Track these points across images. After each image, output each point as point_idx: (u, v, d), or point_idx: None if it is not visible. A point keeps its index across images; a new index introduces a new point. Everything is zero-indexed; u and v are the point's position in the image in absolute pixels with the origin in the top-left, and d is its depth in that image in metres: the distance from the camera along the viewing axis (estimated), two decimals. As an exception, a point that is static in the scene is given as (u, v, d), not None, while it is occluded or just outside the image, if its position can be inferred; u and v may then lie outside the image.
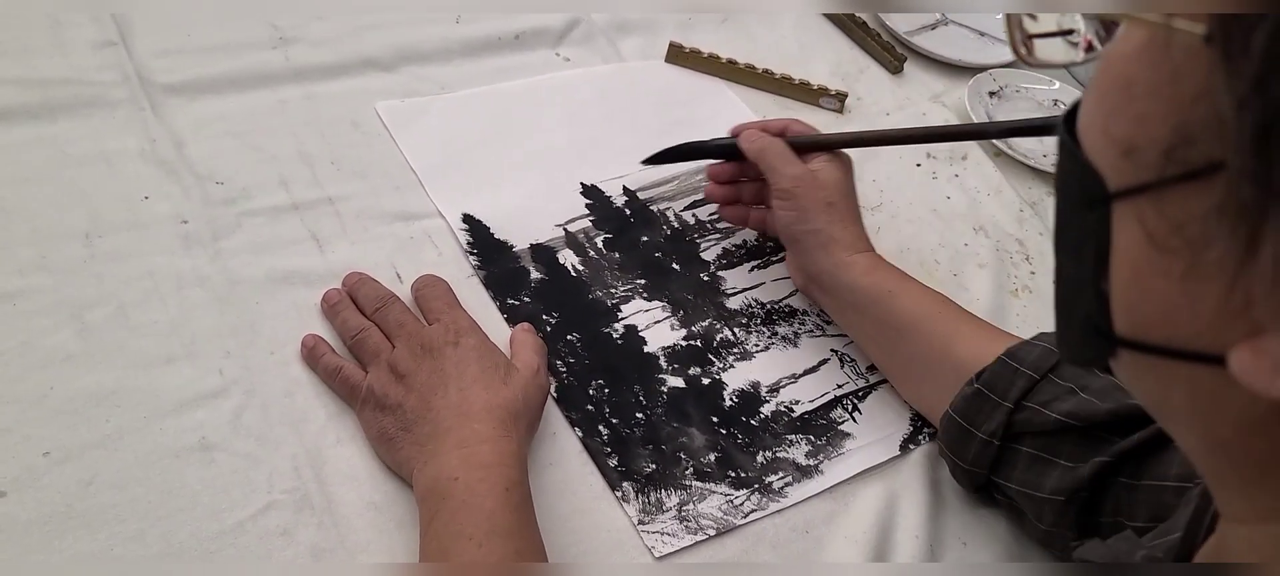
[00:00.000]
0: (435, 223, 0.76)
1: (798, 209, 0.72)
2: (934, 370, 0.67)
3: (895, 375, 0.72)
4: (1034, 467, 0.61)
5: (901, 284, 0.70)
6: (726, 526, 0.63)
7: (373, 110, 0.83)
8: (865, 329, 0.72)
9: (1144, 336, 0.30)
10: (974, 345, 0.65)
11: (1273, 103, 0.24)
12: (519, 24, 0.93)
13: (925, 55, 1.04)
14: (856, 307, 0.71)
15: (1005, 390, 0.61)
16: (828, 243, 0.71)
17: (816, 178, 0.72)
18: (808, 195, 0.71)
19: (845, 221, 0.72)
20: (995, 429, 0.62)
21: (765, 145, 0.74)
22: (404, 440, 0.59)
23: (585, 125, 0.87)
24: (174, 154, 0.75)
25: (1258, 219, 0.24)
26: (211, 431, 0.61)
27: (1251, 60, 0.24)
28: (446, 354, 0.62)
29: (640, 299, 0.75)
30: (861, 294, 0.70)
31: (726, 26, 1.01)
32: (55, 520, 0.55)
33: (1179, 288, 0.27)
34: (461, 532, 0.53)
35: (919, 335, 0.68)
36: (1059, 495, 0.59)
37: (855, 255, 0.71)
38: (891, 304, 0.69)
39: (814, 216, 0.71)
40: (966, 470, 0.64)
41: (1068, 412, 0.59)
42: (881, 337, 0.71)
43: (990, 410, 0.62)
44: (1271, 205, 0.24)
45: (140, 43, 0.81)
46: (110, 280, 0.66)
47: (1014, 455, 0.62)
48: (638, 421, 0.67)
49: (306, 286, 0.69)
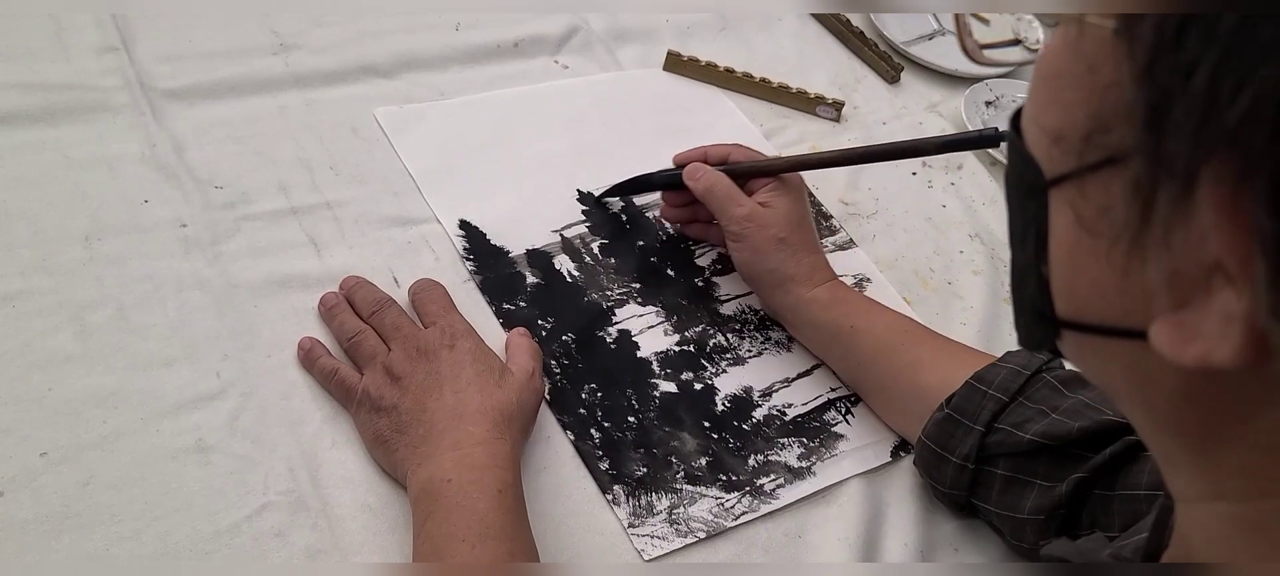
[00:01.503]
0: (432, 228, 0.77)
1: (750, 249, 0.72)
2: (903, 398, 0.68)
3: (870, 400, 0.72)
4: (1011, 489, 0.61)
5: (863, 317, 0.70)
6: (717, 529, 0.64)
7: (372, 116, 0.84)
8: (833, 360, 0.73)
9: (1081, 316, 0.31)
10: (940, 371, 0.66)
11: (1159, 84, 0.25)
12: (518, 32, 0.94)
13: (922, 65, 1.04)
14: (821, 343, 0.72)
15: (975, 413, 0.62)
16: (784, 281, 0.71)
17: (764, 215, 0.72)
18: (758, 234, 0.71)
19: (799, 254, 0.71)
20: (968, 452, 0.62)
21: (711, 184, 0.73)
22: (399, 442, 0.60)
23: (582, 132, 0.88)
24: (174, 158, 0.75)
25: (1151, 193, 0.26)
26: (208, 433, 0.61)
27: (1142, 47, 0.26)
28: (442, 357, 0.63)
29: (634, 304, 0.76)
30: (824, 331, 0.71)
31: (725, 35, 1.02)
32: (52, 520, 0.56)
33: (1108, 268, 0.28)
34: (454, 534, 0.54)
35: (884, 364, 0.69)
36: (1039, 514, 0.60)
37: (814, 290, 0.71)
38: (853, 339, 0.70)
39: (767, 256, 0.71)
40: (945, 493, 0.65)
41: (1041, 433, 0.60)
42: (847, 366, 0.72)
43: (962, 434, 0.62)
44: (1162, 179, 0.26)
45: (142, 48, 0.82)
46: (110, 282, 0.67)
47: (990, 477, 0.63)
48: (630, 425, 0.68)
49: (304, 290, 0.70)
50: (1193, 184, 0.25)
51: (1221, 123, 0.24)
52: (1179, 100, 0.25)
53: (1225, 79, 0.24)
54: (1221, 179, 0.24)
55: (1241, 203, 0.24)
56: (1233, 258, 0.25)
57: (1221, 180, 0.24)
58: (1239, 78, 0.23)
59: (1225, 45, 0.24)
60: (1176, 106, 0.25)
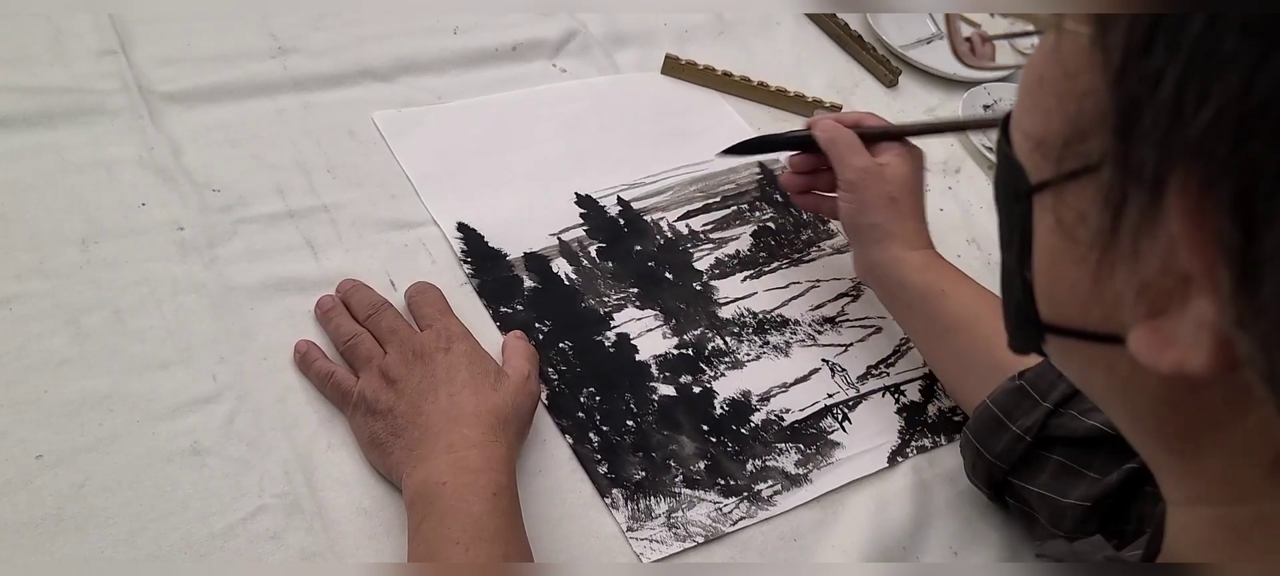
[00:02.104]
0: (430, 231, 0.77)
1: (860, 201, 0.73)
2: (977, 369, 0.68)
3: (939, 369, 0.73)
4: (1062, 475, 0.61)
5: (954, 283, 0.71)
6: (715, 534, 0.64)
7: (370, 120, 0.84)
8: (914, 324, 0.73)
9: (1062, 321, 0.32)
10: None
11: (1129, 92, 0.25)
12: (516, 35, 0.94)
13: (920, 69, 1.04)
14: (907, 303, 0.73)
15: (1047, 390, 0.62)
16: (885, 237, 0.72)
17: (882, 172, 0.73)
18: (871, 188, 0.72)
19: (904, 217, 0.72)
20: (1031, 425, 0.62)
21: (836, 136, 0.74)
22: (394, 444, 0.60)
23: (581, 135, 0.88)
24: (172, 161, 0.75)
25: (1121, 201, 0.26)
26: (204, 436, 0.61)
27: (1115, 54, 0.26)
28: (437, 359, 0.63)
29: (633, 307, 0.75)
30: (913, 291, 0.71)
31: (723, 39, 1.02)
32: (47, 522, 0.56)
33: (1087, 273, 0.29)
34: (449, 536, 0.54)
35: (965, 335, 0.69)
36: (1086, 501, 0.59)
37: (911, 252, 0.72)
38: (941, 303, 0.70)
39: (875, 210, 0.72)
40: (989, 463, 0.64)
41: (1104, 421, 0.59)
42: (929, 333, 0.72)
43: (1030, 407, 0.62)
44: (1132, 187, 0.26)
45: (140, 51, 0.82)
46: (106, 286, 0.67)
47: (1043, 461, 0.62)
48: (628, 429, 0.68)
49: (301, 293, 0.70)
50: (1161, 192, 0.25)
51: (1186, 132, 0.24)
52: (1147, 109, 0.25)
53: (1189, 89, 0.24)
54: (1187, 188, 0.24)
55: (1206, 212, 0.24)
56: (1198, 266, 0.25)
57: (1187, 189, 0.24)
58: (1202, 88, 0.23)
59: (1189, 54, 0.24)
60: (1145, 115, 0.25)
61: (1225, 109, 0.23)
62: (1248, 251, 0.23)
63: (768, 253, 0.82)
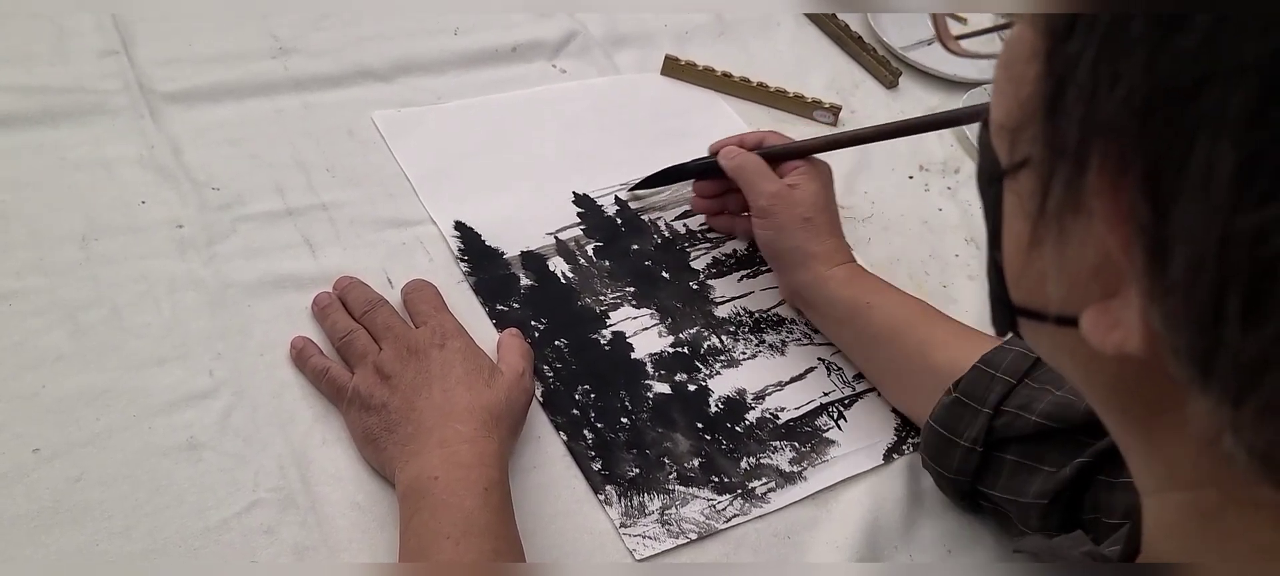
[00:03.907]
0: (427, 229, 0.77)
1: (775, 226, 0.74)
2: (913, 378, 0.68)
3: (879, 382, 0.73)
4: (1018, 475, 0.61)
5: (878, 294, 0.71)
6: (708, 530, 0.64)
7: (369, 119, 0.84)
8: (846, 339, 0.74)
9: (1028, 303, 0.33)
10: (950, 351, 0.66)
11: (1055, 74, 0.27)
12: (516, 36, 0.94)
13: (920, 70, 1.04)
14: (836, 320, 0.73)
15: (983, 396, 0.62)
16: (806, 259, 0.73)
17: (792, 194, 0.74)
18: (784, 213, 0.73)
19: (822, 235, 0.73)
20: (976, 435, 0.62)
21: (742, 163, 0.76)
22: (387, 440, 0.60)
23: (579, 136, 0.88)
24: (172, 160, 0.76)
25: (1048, 178, 0.27)
26: (200, 431, 0.61)
27: (1045, 39, 0.27)
28: (432, 355, 0.63)
29: (629, 306, 0.76)
30: (840, 306, 0.72)
31: (723, 40, 1.02)
32: (43, 515, 0.56)
33: (1046, 255, 0.29)
34: (439, 531, 0.54)
35: (897, 344, 0.69)
36: (1043, 498, 0.59)
37: (834, 268, 0.72)
38: (868, 315, 0.71)
39: (791, 233, 0.73)
40: (951, 479, 0.65)
41: (1046, 414, 0.60)
42: (861, 347, 0.73)
43: (970, 417, 0.62)
44: (1058, 166, 0.27)
45: (142, 51, 0.83)
46: (105, 282, 0.67)
47: (999, 464, 0.62)
48: (623, 426, 0.68)
49: (298, 290, 0.70)
50: (1083, 171, 0.26)
51: (1101, 111, 0.25)
52: (1069, 89, 0.26)
53: (1102, 69, 0.25)
54: (1104, 167, 0.25)
55: (1121, 190, 0.25)
56: (1116, 243, 0.25)
57: (1104, 168, 0.25)
58: (1113, 69, 0.24)
59: (1102, 36, 0.25)
60: (1067, 94, 0.26)
61: (1133, 89, 0.24)
62: (1157, 228, 0.24)
63: (765, 252, 0.82)
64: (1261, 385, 0.24)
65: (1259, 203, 0.22)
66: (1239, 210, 0.22)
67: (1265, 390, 0.24)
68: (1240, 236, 0.22)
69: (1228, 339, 0.24)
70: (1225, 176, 0.22)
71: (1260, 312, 0.23)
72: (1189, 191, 0.23)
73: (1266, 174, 0.22)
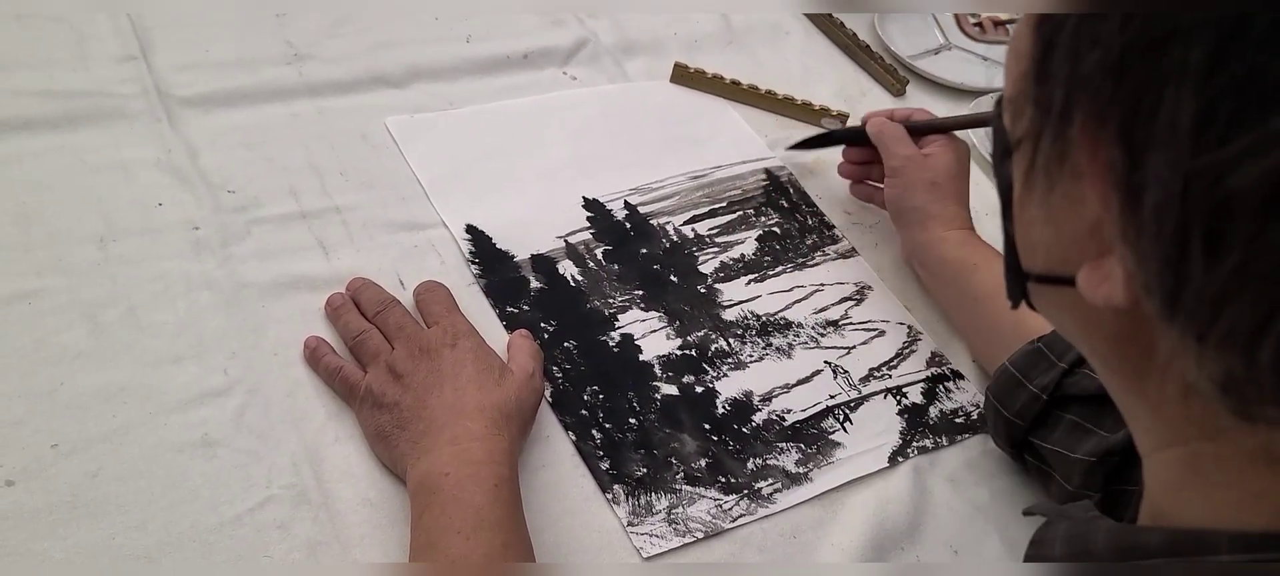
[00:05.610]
0: (439, 232, 0.78)
1: (903, 186, 0.79)
2: (1003, 337, 0.70)
3: (969, 339, 0.78)
4: (1073, 433, 0.64)
5: (986, 259, 0.75)
6: (714, 530, 0.64)
7: (382, 124, 0.85)
8: (950, 298, 0.78)
9: (1034, 267, 0.35)
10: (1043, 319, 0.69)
11: (1044, 38, 0.30)
12: (528, 44, 0.96)
13: (928, 78, 1.05)
14: (944, 279, 0.78)
15: (1062, 352, 0.65)
16: (925, 219, 0.78)
17: (924, 160, 0.79)
18: (913, 174, 0.79)
19: (945, 200, 0.78)
20: (1047, 384, 0.65)
21: (883, 128, 0.82)
22: (399, 437, 0.61)
23: (589, 141, 0.89)
24: (188, 163, 0.77)
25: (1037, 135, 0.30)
26: (214, 428, 0.62)
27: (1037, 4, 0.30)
28: (443, 355, 0.64)
29: (637, 309, 0.77)
30: (949, 266, 0.77)
31: (732, 48, 1.03)
32: (61, 509, 0.57)
33: (1047, 219, 0.32)
34: (450, 526, 0.55)
35: (993, 304, 0.73)
36: (1092, 456, 0.61)
37: (949, 231, 0.77)
38: (972, 276, 0.75)
39: (916, 194, 0.79)
40: (1008, 421, 0.67)
41: None
42: (961, 305, 0.77)
43: (1046, 368, 0.65)
44: (1045, 123, 0.29)
45: (160, 57, 0.84)
46: (123, 282, 0.68)
47: (1057, 420, 0.65)
48: (631, 427, 0.69)
49: (312, 291, 0.71)
50: (1068, 127, 0.28)
51: (1082, 69, 0.27)
52: (1055, 52, 0.28)
53: (1083, 30, 0.27)
54: (1086, 123, 0.28)
55: (1100, 143, 0.27)
56: (1095, 194, 0.28)
57: (1086, 124, 0.28)
58: (1093, 30, 0.27)
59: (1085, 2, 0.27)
60: (1054, 56, 0.29)
61: (1109, 47, 0.26)
62: (1131, 176, 0.27)
63: (772, 257, 0.83)
64: (1221, 317, 0.26)
65: (1217, 145, 0.24)
66: (1199, 153, 0.25)
67: (1224, 322, 0.26)
68: (1201, 177, 0.25)
69: (1192, 275, 0.26)
70: (1187, 122, 0.25)
71: (1219, 248, 0.25)
72: (1158, 139, 0.25)
73: (1222, 119, 0.24)
